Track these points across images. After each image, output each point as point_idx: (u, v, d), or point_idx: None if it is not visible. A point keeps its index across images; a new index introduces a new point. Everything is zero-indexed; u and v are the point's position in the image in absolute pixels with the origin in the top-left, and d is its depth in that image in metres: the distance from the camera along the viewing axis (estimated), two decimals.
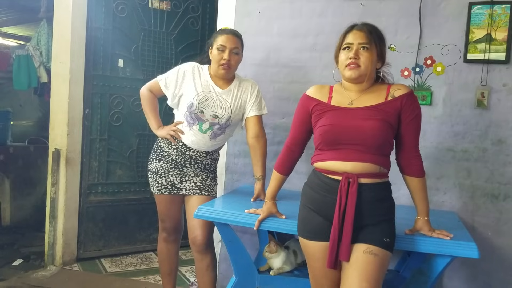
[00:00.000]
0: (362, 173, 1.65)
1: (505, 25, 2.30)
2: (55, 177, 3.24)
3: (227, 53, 2.22)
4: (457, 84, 2.40)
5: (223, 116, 2.28)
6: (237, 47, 2.25)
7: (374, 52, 1.68)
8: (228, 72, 2.26)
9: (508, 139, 2.33)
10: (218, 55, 2.23)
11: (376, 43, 1.68)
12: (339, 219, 1.64)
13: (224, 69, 2.23)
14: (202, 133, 2.30)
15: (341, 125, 1.68)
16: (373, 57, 1.68)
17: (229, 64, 2.23)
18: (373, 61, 1.68)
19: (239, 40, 2.28)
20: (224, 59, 2.22)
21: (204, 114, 2.27)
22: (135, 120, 3.52)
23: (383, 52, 1.73)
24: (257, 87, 2.37)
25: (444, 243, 1.73)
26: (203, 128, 2.29)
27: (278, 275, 2.24)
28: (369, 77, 1.72)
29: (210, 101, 2.27)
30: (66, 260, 3.33)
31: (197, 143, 2.32)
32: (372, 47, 1.67)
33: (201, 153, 2.35)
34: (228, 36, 2.23)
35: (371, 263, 1.60)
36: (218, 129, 2.31)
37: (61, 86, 3.23)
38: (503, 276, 2.37)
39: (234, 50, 2.24)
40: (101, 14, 3.33)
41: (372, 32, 1.69)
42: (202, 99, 2.25)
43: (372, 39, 1.67)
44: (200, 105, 2.25)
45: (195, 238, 2.30)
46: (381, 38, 1.72)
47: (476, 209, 2.40)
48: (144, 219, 3.66)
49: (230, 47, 2.23)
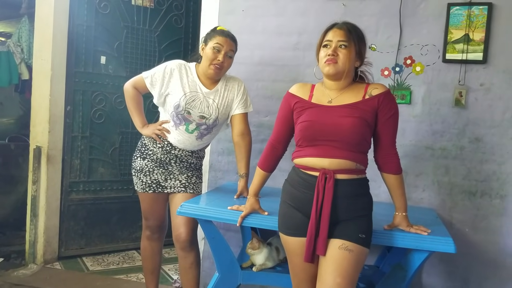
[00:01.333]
0: (338, 169, 1.69)
1: (482, 26, 2.35)
2: (36, 175, 3.21)
3: (222, 55, 2.21)
4: (436, 83, 2.45)
5: (210, 117, 2.28)
6: (232, 50, 2.25)
7: (352, 50, 1.71)
8: (217, 73, 2.25)
9: (484, 137, 2.39)
10: (212, 54, 2.21)
11: (354, 42, 1.71)
12: (316, 214, 1.67)
13: (214, 69, 2.22)
14: (188, 133, 2.30)
15: (320, 122, 1.71)
16: (351, 55, 1.71)
17: (222, 66, 2.22)
18: (350, 59, 1.71)
19: (235, 45, 2.28)
20: (219, 60, 2.20)
21: (191, 115, 2.26)
22: (117, 117, 3.51)
23: (362, 51, 1.76)
24: (243, 85, 2.37)
25: (421, 238, 1.78)
26: (190, 128, 2.29)
27: (260, 271, 2.26)
28: (347, 75, 1.75)
29: (197, 102, 2.26)
30: (47, 258, 3.30)
31: (183, 143, 2.32)
32: (351, 45, 1.71)
33: (187, 152, 2.35)
34: (226, 39, 2.22)
35: (346, 259, 1.63)
36: (205, 129, 2.31)
37: (43, 83, 3.20)
38: (480, 271, 2.43)
39: (229, 53, 2.24)
40: (84, 10, 3.30)
41: (352, 30, 1.73)
42: (189, 100, 2.24)
43: (351, 37, 1.71)
44: (187, 106, 2.24)
45: (179, 235, 2.30)
46: (361, 37, 1.75)
47: (453, 206, 2.46)
48: (126, 217, 3.64)
49: (226, 50, 2.21)
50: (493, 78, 2.36)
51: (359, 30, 1.76)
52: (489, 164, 2.39)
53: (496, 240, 2.40)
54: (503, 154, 2.37)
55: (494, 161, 2.39)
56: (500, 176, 2.38)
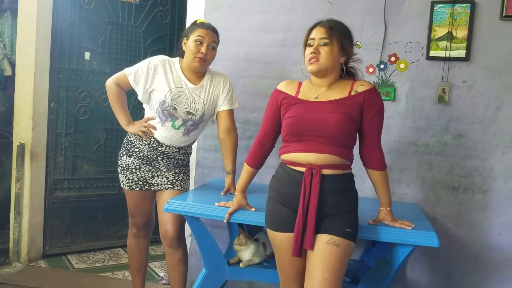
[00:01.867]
0: (324, 164, 1.71)
1: (465, 23, 2.39)
2: (20, 172, 3.17)
3: (205, 47, 2.20)
4: (420, 80, 2.48)
5: (197, 113, 2.27)
6: (214, 42, 2.24)
7: (335, 46, 1.73)
8: (203, 66, 2.24)
9: (467, 133, 2.44)
10: (195, 47, 2.20)
11: (337, 38, 1.73)
12: (303, 209, 1.69)
13: (199, 61, 2.20)
14: (175, 129, 2.29)
15: (306, 118, 1.73)
16: (333, 51, 1.72)
17: (205, 58, 2.21)
18: (333, 55, 1.73)
19: (217, 36, 2.27)
20: (201, 53, 2.19)
21: (177, 110, 2.25)
22: (102, 114, 3.47)
23: (346, 46, 1.76)
24: (228, 80, 2.36)
25: (406, 233, 1.80)
26: (176, 124, 2.28)
27: (247, 267, 2.27)
28: (332, 71, 1.77)
29: (183, 98, 2.25)
30: (31, 256, 3.26)
31: (169, 139, 2.31)
32: (333, 42, 1.72)
33: (174, 149, 2.34)
34: (207, 31, 2.21)
35: (333, 253, 1.65)
36: (191, 125, 2.30)
37: (26, 79, 3.15)
38: (463, 266, 2.48)
39: (212, 45, 2.23)
40: (68, 6, 3.26)
41: (334, 27, 1.74)
42: (175, 95, 2.23)
43: (332, 34, 1.72)
44: (173, 102, 2.23)
45: (166, 232, 2.30)
46: (344, 33, 1.76)
47: (437, 201, 2.50)
48: (112, 214, 3.62)
49: (208, 42, 2.21)
50: (476, 75, 2.41)
51: (342, 26, 1.77)
52: (471, 160, 2.44)
53: (478, 234, 2.45)
54: (486, 150, 2.42)
55: (477, 157, 2.43)
56: (482, 171, 2.43)
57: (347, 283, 2.16)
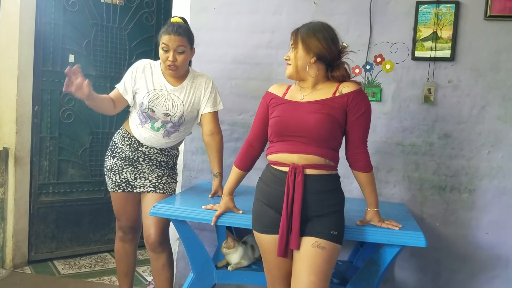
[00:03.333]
0: (307, 164, 1.70)
1: (450, 24, 2.40)
2: (4, 177, 3.11)
3: (172, 54, 2.15)
4: (405, 81, 2.49)
5: (175, 114, 2.25)
6: (181, 45, 2.16)
7: (299, 49, 1.74)
8: (176, 72, 2.21)
9: (453, 133, 2.45)
10: (163, 54, 2.18)
11: (301, 41, 1.73)
12: (287, 209, 1.68)
13: (170, 69, 2.19)
14: (154, 131, 2.27)
15: (288, 117, 1.74)
16: (298, 54, 1.74)
17: (175, 65, 2.17)
18: (299, 58, 1.74)
19: (184, 38, 2.17)
20: (170, 60, 2.16)
21: (155, 112, 2.23)
22: (87, 117, 3.43)
23: (312, 47, 1.72)
24: (211, 82, 2.32)
25: (393, 233, 1.81)
26: (155, 126, 2.27)
27: (236, 270, 2.25)
28: (305, 73, 1.76)
29: (162, 99, 2.23)
30: (17, 263, 3.20)
31: (149, 140, 2.29)
32: (297, 46, 1.75)
33: (155, 150, 2.32)
34: (170, 36, 2.14)
35: (319, 256, 1.65)
36: (171, 127, 2.28)
37: (9, 82, 3.10)
38: (451, 265, 2.49)
39: (179, 49, 2.16)
40: (51, 8, 3.21)
41: (299, 31, 1.77)
42: (152, 97, 2.22)
43: (297, 38, 1.76)
44: (150, 103, 2.21)
45: (149, 236, 2.28)
46: (308, 34, 1.73)
47: (424, 200, 2.51)
48: (98, 219, 3.57)
49: (173, 47, 2.15)
50: (461, 75, 2.42)
51: (310, 27, 1.75)
52: (458, 159, 2.45)
53: (465, 233, 2.46)
54: (472, 150, 2.43)
55: (463, 157, 2.44)
56: (468, 171, 2.44)
57: (336, 284, 2.16)
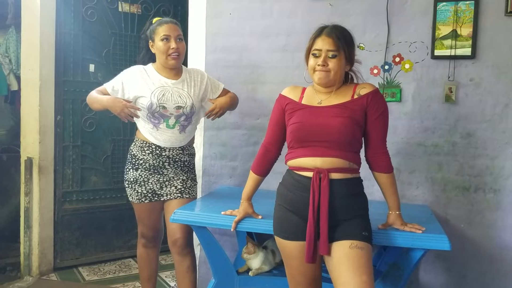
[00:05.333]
0: (332, 168, 1.68)
1: (469, 21, 2.35)
2: (29, 186, 3.18)
3: (173, 42, 2.22)
4: (426, 80, 2.44)
5: (186, 105, 2.26)
6: (180, 34, 2.27)
7: (342, 58, 1.71)
8: (178, 60, 2.26)
9: (476, 132, 2.39)
10: (164, 45, 2.22)
11: (344, 49, 1.70)
12: (313, 214, 1.66)
13: (174, 58, 2.23)
14: (170, 129, 2.28)
15: (310, 123, 1.72)
16: (342, 63, 1.71)
17: (178, 52, 2.24)
18: (341, 66, 1.72)
19: (180, 27, 2.29)
20: (173, 48, 2.22)
21: (167, 108, 2.24)
22: (108, 125, 3.48)
23: (352, 55, 1.75)
24: (205, 74, 2.42)
25: (416, 237, 1.77)
26: (170, 124, 2.28)
27: (257, 275, 2.25)
28: (338, 81, 1.76)
29: (168, 95, 2.25)
30: (43, 270, 3.27)
31: (169, 141, 2.30)
32: (340, 54, 1.70)
33: (177, 151, 2.33)
34: (169, 25, 2.25)
35: (361, 257, 1.62)
36: (185, 120, 2.29)
37: (31, 93, 3.17)
38: (477, 267, 2.43)
39: (179, 37, 2.26)
40: (70, 19, 3.27)
41: (340, 37, 1.70)
42: (159, 95, 2.24)
43: (339, 46, 1.69)
44: (160, 101, 2.23)
45: (176, 241, 2.29)
46: (349, 42, 1.74)
47: (448, 201, 2.46)
48: (121, 225, 3.62)
49: (175, 35, 2.23)
50: (482, 72, 2.36)
51: (347, 34, 1.75)
52: (481, 159, 2.39)
53: (491, 234, 2.40)
54: (495, 148, 2.37)
55: (487, 156, 2.38)
56: (493, 170, 2.38)
57: None
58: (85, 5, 3.32)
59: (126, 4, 3.49)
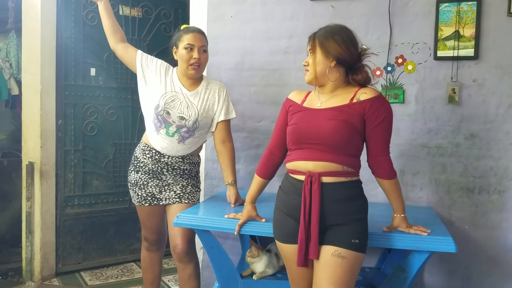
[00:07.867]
0: (324, 172, 1.67)
1: (472, 21, 2.34)
2: (30, 191, 3.17)
3: (197, 52, 2.19)
4: (429, 81, 2.43)
5: (190, 118, 2.24)
6: (204, 45, 2.23)
7: (318, 54, 1.70)
8: (198, 71, 2.23)
9: (480, 133, 2.38)
10: (186, 54, 2.19)
11: (319, 45, 1.69)
12: (305, 218, 1.65)
13: (194, 68, 2.21)
14: (169, 136, 2.26)
15: (304, 125, 1.71)
16: (317, 59, 1.70)
17: (199, 63, 2.21)
18: (318, 63, 1.70)
19: (205, 38, 2.27)
20: (195, 58, 2.19)
21: (171, 115, 2.23)
22: (110, 129, 3.48)
23: (331, 50, 1.68)
24: (225, 90, 2.33)
25: (421, 239, 1.76)
26: (170, 131, 2.26)
27: (261, 279, 2.23)
28: (325, 79, 1.73)
29: (177, 102, 2.23)
30: (45, 275, 3.25)
31: (166, 148, 2.28)
32: (316, 50, 1.70)
33: (177, 159, 2.32)
34: (194, 35, 2.20)
35: (339, 266, 1.61)
36: (186, 132, 2.27)
37: (32, 97, 3.17)
38: (481, 268, 2.42)
39: (202, 48, 2.22)
40: (71, 23, 3.27)
41: (316, 35, 1.72)
42: (168, 99, 2.22)
43: (314, 43, 1.71)
44: (166, 105, 2.22)
45: (176, 247, 2.27)
46: (326, 37, 1.69)
47: (452, 203, 2.44)
48: (123, 229, 3.60)
49: (199, 46, 2.20)
50: (486, 73, 2.35)
51: (328, 30, 1.71)
52: (485, 160, 2.38)
53: (496, 235, 2.39)
54: (499, 149, 2.36)
55: (491, 157, 2.37)
56: (497, 171, 2.37)
57: None
58: (85, 9, 3.31)
59: (127, 7, 3.48)
